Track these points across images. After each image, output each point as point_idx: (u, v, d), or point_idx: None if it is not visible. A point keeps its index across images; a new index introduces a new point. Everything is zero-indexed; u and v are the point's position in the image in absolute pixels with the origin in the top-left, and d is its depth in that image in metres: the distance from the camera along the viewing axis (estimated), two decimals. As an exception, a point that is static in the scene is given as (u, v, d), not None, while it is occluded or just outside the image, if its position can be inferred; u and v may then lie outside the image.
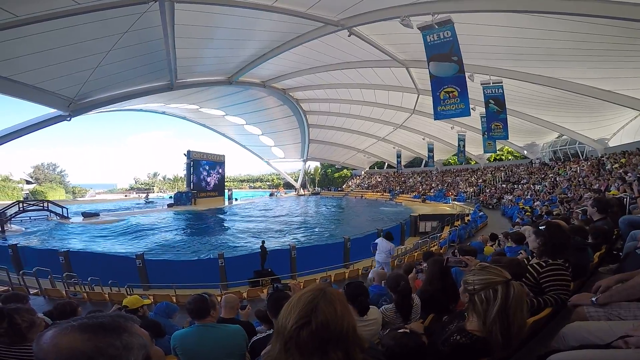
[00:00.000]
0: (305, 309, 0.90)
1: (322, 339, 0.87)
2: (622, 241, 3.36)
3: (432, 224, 18.89)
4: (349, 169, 53.85)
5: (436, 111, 9.18)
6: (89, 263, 11.16)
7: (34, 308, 2.26)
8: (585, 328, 1.49)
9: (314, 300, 0.91)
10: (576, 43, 10.42)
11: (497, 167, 31.99)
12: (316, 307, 0.90)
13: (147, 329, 0.79)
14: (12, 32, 7.90)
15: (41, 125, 13.60)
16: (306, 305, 0.91)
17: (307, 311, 0.89)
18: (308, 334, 0.86)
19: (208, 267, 11.10)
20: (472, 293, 1.39)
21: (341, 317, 0.91)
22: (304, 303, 0.91)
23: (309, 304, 0.91)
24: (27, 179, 49.04)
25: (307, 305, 0.90)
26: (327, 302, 0.92)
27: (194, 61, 14.58)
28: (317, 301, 0.91)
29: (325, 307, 0.90)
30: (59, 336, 0.63)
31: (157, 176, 73.78)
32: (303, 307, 0.90)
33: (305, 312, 0.89)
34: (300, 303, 0.92)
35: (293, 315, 0.90)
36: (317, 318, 0.88)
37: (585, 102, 15.04)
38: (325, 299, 0.92)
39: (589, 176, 16.50)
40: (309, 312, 0.89)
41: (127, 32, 9.91)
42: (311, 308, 0.89)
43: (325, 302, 0.91)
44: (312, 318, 0.88)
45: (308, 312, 0.89)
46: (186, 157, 32.98)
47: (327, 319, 0.88)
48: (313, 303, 0.91)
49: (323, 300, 0.92)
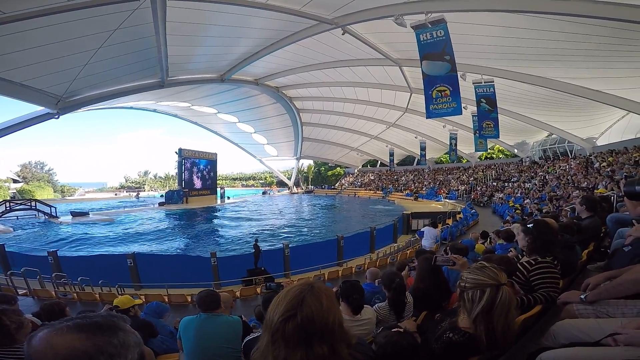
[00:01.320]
0: (291, 302, 0.92)
1: (307, 332, 0.89)
2: (609, 239, 3.41)
3: (424, 221, 19.05)
4: (342, 167, 53.98)
5: (428, 110, 9.24)
6: (78, 263, 10.99)
7: (21, 309, 2.21)
8: (575, 326, 1.51)
9: (301, 294, 0.93)
10: (566, 43, 10.58)
11: (488, 165, 32.38)
12: (303, 300, 0.91)
13: (139, 329, 0.79)
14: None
15: (28, 123, 13.34)
16: (293, 298, 0.92)
17: (293, 304, 0.91)
18: (293, 326, 0.88)
19: (200, 265, 11.01)
20: (463, 290, 1.42)
21: (327, 312, 0.93)
22: (291, 297, 0.93)
23: (296, 297, 0.93)
24: (14, 177, 48.06)
25: (294, 298, 0.92)
26: (314, 296, 0.93)
27: (186, 59, 14.42)
28: (303, 295, 0.93)
29: (312, 301, 0.92)
30: (55, 337, 0.62)
31: (148, 174, 73.06)
32: (290, 301, 0.92)
33: (291, 305, 0.91)
34: (288, 297, 0.94)
35: (280, 309, 0.92)
36: (303, 311, 0.90)
37: (575, 102, 15.29)
38: (312, 293, 0.94)
39: (577, 174, 16.78)
40: (295, 306, 0.91)
41: (117, 29, 9.74)
42: (298, 301, 0.91)
43: (311, 296, 0.93)
44: (298, 311, 0.90)
45: (294, 305, 0.91)
46: (177, 155, 32.55)
47: (313, 312, 0.90)
48: (300, 297, 0.92)
49: (310, 295, 0.93)
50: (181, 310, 7.49)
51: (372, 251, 14.30)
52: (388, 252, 13.79)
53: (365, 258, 12.89)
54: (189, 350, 2.46)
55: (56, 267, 10.29)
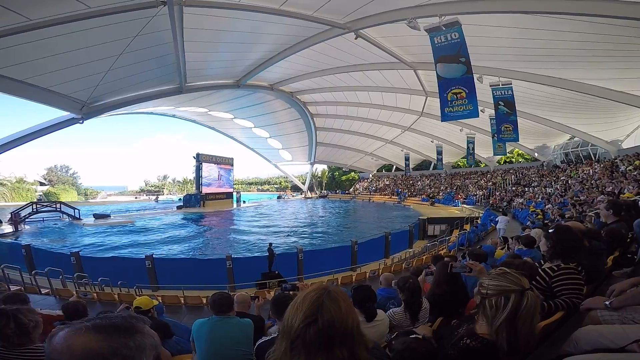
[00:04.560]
0: (311, 308, 0.90)
1: (328, 337, 0.88)
2: (636, 244, 3.29)
3: (440, 227, 18.71)
4: (357, 171, 53.74)
5: (443, 113, 9.10)
6: (98, 263, 11.32)
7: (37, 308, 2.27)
8: (599, 331, 1.46)
9: (319, 298, 0.92)
10: (586, 44, 10.25)
11: (507, 169, 31.56)
12: (322, 305, 0.91)
13: (156, 330, 0.80)
14: (27, 36, 8.06)
15: (55, 128, 13.93)
16: (312, 304, 0.91)
17: (313, 310, 0.90)
18: (315, 332, 0.87)
19: (216, 268, 11.15)
20: (484, 297, 1.37)
21: (346, 315, 0.92)
22: (310, 302, 0.92)
23: (315, 302, 0.92)
24: (40, 180, 50.29)
25: (313, 303, 0.91)
26: (332, 300, 0.93)
27: (203, 64, 14.75)
28: (322, 299, 0.92)
29: (331, 305, 0.91)
30: (74, 336, 0.63)
31: (167, 179, 74.68)
32: (309, 306, 0.91)
33: (311, 311, 0.90)
34: (306, 302, 0.92)
35: (300, 315, 0.90)
36: (324, 316, 0.89)
37: (598, 103, 14.75)
38: (330, 297, 0.93)
39: (602, 178, 16.16)
40: (315, 311, 0.89)
41: (137, 36, 10.05)
42: (317, 306, 0.90)
43: (330, 301, 0.92)
44: (319, 316, 0.88)
45: (314, 310, 0.90)
46: (195, 159, 33.35)
47: (333, 316, 0.89)
48: (319, 301, 0.91)
49: (328, 299, 0.92)
50: (196, 312, 7.58)
51: (387, 256, 14.13)
52: (403, 258, 13.60)
53: (380, 263, 12.75)
54: (201, 352, 2.50)
55: (78, 267, 10.64)
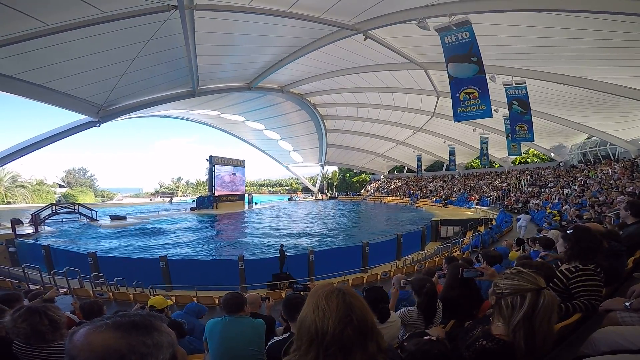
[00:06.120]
0: (341, 308, 0.91)
1: (362, 333, 0.90)
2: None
3: (454, 229, 18.42)
4: (368, 173, 53.52)
5: (456, 113, 8.96)
6: (114, 263, 11.58)
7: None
8: (618, 333, 1.43)
9: (344, 298, 0.93)
10: (602, 42, 9.93)
11: (522, 170, 30.89)
12: (351, 304, 0.92)
13: (171, 328, 0.82)
14: (44, 41, 8.26)
15: (72, 132, 14.29)
16: (339, 304, 0.92)
17: (346, 310, 0.90)
18: (352, 331, 0.88)
19: (228, 269, 11.27)
20: (500, 297, 1.35)
21: (367, 309, 0.95)
22: (337, 303, 0.92)
23: (342, 303, 0.92)
24: (59, 182, 51.92)
25: (340, 304, 0.92)
26: (353, 297, 0.95)
27: (215, 67, 14.92)
28: (347, 298, 0.93)
29: (356, 302, 0.93)
30: (93, 334, 0.65)
31: (181, 181, 75.87)
32: (337, 307, 0.91)
33: (344, 312, 0.90)
34: (332, 305, 0.91)
35: (332, 318, 0.89)
36: (356, 313, 0.90)
37: (616, 102, 14.30)
38: (351, 294, 0.95)
39: (621, 179, 15.68)
40: (348, 311, 0.90)
41: (150, 40, 10.22)
42: (347, 306, 0.91)
43: (353, 298, 0.94)
44: (353, 315, 0.90)
45: (347, 310, 0.90)
46: (208, 162, 33.92)
47: (362, 312, 0.92)
48: (345, 301, 0.92)
49: (350, 297, 0.94)
50: (209, 312, 7.67)
51: (399, 258, 14.01)
52: (415, 260, 13.46)
53: (392, 265, 12.65)
54: (214, 351, 2.54)
55: (95, 267, 10.92)
